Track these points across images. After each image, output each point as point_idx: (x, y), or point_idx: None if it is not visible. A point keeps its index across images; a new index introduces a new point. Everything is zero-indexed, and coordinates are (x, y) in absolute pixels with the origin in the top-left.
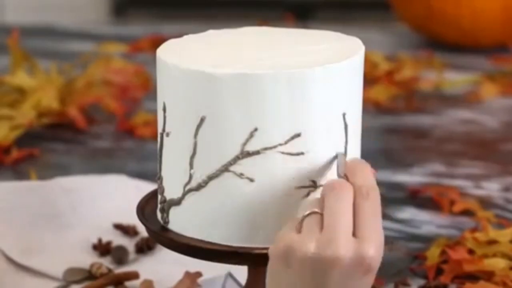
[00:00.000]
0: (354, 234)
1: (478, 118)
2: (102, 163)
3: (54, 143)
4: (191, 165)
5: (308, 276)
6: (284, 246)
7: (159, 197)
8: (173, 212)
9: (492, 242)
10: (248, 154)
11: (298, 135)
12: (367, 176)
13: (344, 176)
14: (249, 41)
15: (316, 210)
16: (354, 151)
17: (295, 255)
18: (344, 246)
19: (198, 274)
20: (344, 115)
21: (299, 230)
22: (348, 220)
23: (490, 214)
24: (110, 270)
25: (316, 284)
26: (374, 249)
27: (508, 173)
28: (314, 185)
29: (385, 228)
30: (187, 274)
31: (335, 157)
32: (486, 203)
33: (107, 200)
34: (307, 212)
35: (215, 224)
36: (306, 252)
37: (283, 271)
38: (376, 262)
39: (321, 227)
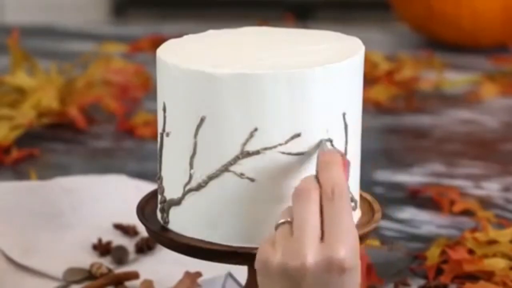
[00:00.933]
0: (323, 238)
1: (478, 118)
2: (102, 163)
3: (54, 143)
4: (191, 165)
5: (287, 285)
6: (260, 259)
7: (159, 197)
8: (173, 212)
9: (492, 242)
10: (248, 154)
11: (298, 135)
12: (333, 173)
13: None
14: (249, 41)
15: (288, 219)
16: (354, 151)
17: (270, 267)
18: (310, 254)
19: (198, 274)
20: (344, 115)
21: (273, 242)
22: (314, 226)
23: (490, 214)
24: (110, 270)
25: None
26: (343, 249)
27: (508, 173)
28: None
29: (385, 228)
30: (187, 274)
31: (319, 144)
32: (486, 203)
33: (107, 200)
34: (279, 222)
35: (215, 224)
36: (275, 263)
37: (267, 282)
38: (350, 261)
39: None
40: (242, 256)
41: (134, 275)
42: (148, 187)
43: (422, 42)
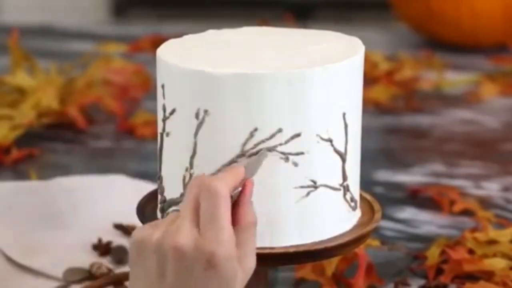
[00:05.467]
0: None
1: (478, 118)
2: (102, 163)
3: (54, 143)
4: (191, 165)
5: (154, 264)
6: (137, 238)
7: (159, 197)
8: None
9: (492, 242)
10: (248, 154)
11: (298, 135)
12: (226, 171)
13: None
14: (249, 41)
15: (176, 208)
16: (354, 151)
17: (145, 245)
18: (184, 236)
19: None
20: (344, 115)
21: (156, 224)
22: (192, 212)
23: (490, 214)
24: (110, 270)
25: (160, 272)
26: (213, 244)
27: (508, 173)
28: (314, 185)
29: (385, 228)
30: None
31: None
32: (486, 203)
33: (107, 200)
34: (171, 209)
35: None
36: (151, 240)
37: (137, 262)
38: (219, 259)
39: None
40: None
41: None
42: (148, 187)
43: (422, 42)
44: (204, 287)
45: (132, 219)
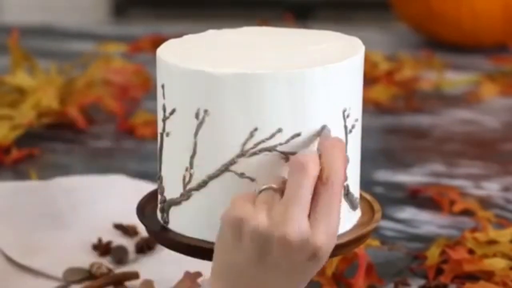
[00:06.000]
0: (309, 216)
1: (478, 118)
2: (102, 163)
3: (54, 143)
4: (191, 165)
5: (253, 248)
6: (236, 215)
7: (159, 197)
8: (173, 212)
9: (492, 242)
10: (248, 154)
11: (298, 135)
12: (333, 159)
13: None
14: (249, 41)
15: (274, 186)
16: (354, 151)
17: (246, 226)
18: (295, 228)
19: (198, 274)
20: (344, 115)
21: (253, 202)
22: (305, 201)
23: (490, 214)
24: (110, 270)
25: (259, 257)
26: (322, 238)
27: (508, 173)
28: None
29: (385, 228)
30: (187, 274)
31: (321, 129)
32: (486, 203)
33: (107, 200)
34: (265, 187)
35: (216, 224)
36: (257, 226)
37: (231, 239)
38: (323, 252)
39: (276, 202)
40: None
41: (134, 275)
42: (148, 187)
43: (422, 42)
44: (301, 271)
45: (132, 219)
